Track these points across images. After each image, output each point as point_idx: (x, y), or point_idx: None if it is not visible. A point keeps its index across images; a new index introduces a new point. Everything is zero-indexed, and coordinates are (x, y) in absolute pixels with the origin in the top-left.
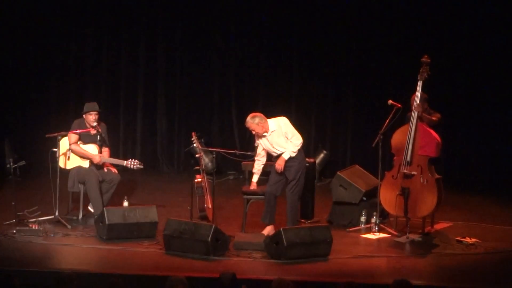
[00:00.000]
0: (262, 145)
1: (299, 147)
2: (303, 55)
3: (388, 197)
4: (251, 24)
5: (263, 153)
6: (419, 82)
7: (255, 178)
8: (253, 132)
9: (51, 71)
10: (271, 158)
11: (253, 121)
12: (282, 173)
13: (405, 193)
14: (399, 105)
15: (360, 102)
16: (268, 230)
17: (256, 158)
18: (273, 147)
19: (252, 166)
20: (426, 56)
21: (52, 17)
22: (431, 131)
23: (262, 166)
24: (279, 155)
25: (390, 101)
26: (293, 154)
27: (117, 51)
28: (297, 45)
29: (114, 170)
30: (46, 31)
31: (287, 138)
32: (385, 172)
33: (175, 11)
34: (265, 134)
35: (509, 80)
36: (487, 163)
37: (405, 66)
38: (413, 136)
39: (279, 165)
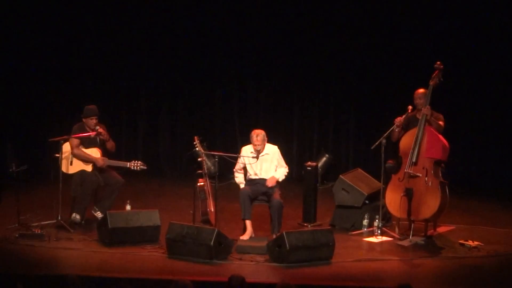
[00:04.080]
0: (248, 162)
1: (286, 173)
2: (306, 59)
3: (393, 199)
4: (254, 29)
5: (242, 169)
6: (430, 86)
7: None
8: (254, 147)
9: (53, 75)
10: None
11: (264, 136)
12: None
13: (409, 194)
14: (409, 109)
15: (363, 106)
16: (249, 225)
17: (236, 173)
18: (258, 169)
19: None
20: (439, 62)
21: (53, 20)
22: (439, 135)
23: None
24: (256, 179)
25: (410, 107)
26: (282, 177)
27: (120, 55)
28: (300, 49)
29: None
30: (47, 35)
31: (276, 167)
32: (392, 175)
33: (178, 14)
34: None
35: None
36: (489, 166)
37: (407, 70)
38: (420, 138)
39: (271, 182)
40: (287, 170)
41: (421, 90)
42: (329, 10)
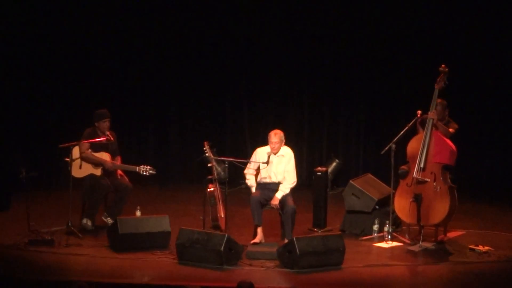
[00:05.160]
0: (261, 165)
1: (292, 186)
2: (316, 63)
3: (402, 205)
4: (263, 32)
5: (254, 171)
6: (435, 90)
7: (254, 190)
8: (271, 144)
9: (63, 81)
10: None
11: (282, 137)
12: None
13: (418, 200)
14: (418, 114)
15: (373, 110)
16: (259, 231)
17: (248, 175)
18: (273, 171)
19: None
20: (443, 65)
21: (64, 27)
22: (446, 139)
23: (254, 178)
24: (268, 183)
25: (419, 112)
26: (286, 191)
27: (129, 61)
28: (310, 53)
29: (126, 178)
30: (58, 41)
31: (285, 171)
32: (400, 180)
33: (187, 21)
34: (276, 153)
35: None
36: (500, 170)
37: (418, 74)
38: (428, 143)
39: (275, 205)
40: (293, 181)
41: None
42: (340, 15)
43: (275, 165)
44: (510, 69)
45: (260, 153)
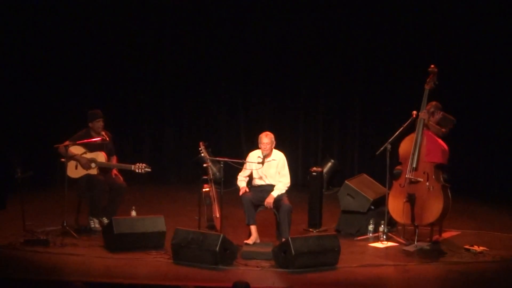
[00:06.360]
0: (253, 168)
1: (287, 188)
2: (311, 64)
3: (396, 206)
4: (259, 34)
5: (247, 177)
6: (425, 90)
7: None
8: (262, 145)
9: (58, 82)
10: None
11: (272, 138)
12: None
13: (411, 200)
14: (413, 115)
15: (368, 111)
16: (254, 231)
17: (239, 177)
18: (264, 174)
19: None
20: (433, 65)
21: (58, 29)
22: (438, 138)
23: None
24: (262, 185)
25: (414, 112)
26: (282, 191)
27: (125, 61)
28: (305, 54)
29: (120, 178)
30: (52, 42)
31: (278, 174)
32: (393, 181)
33: (184, 21)
34: (267, 158)
35: None
36: (495, 171)
37: (412, 75)
38: (419, 143)
39: (269, 203)
40: (288, 183)
41: (434, 103)
42: (335, 17)
43: (266, 169)
44: (502, 68)
45: (252, 157)
